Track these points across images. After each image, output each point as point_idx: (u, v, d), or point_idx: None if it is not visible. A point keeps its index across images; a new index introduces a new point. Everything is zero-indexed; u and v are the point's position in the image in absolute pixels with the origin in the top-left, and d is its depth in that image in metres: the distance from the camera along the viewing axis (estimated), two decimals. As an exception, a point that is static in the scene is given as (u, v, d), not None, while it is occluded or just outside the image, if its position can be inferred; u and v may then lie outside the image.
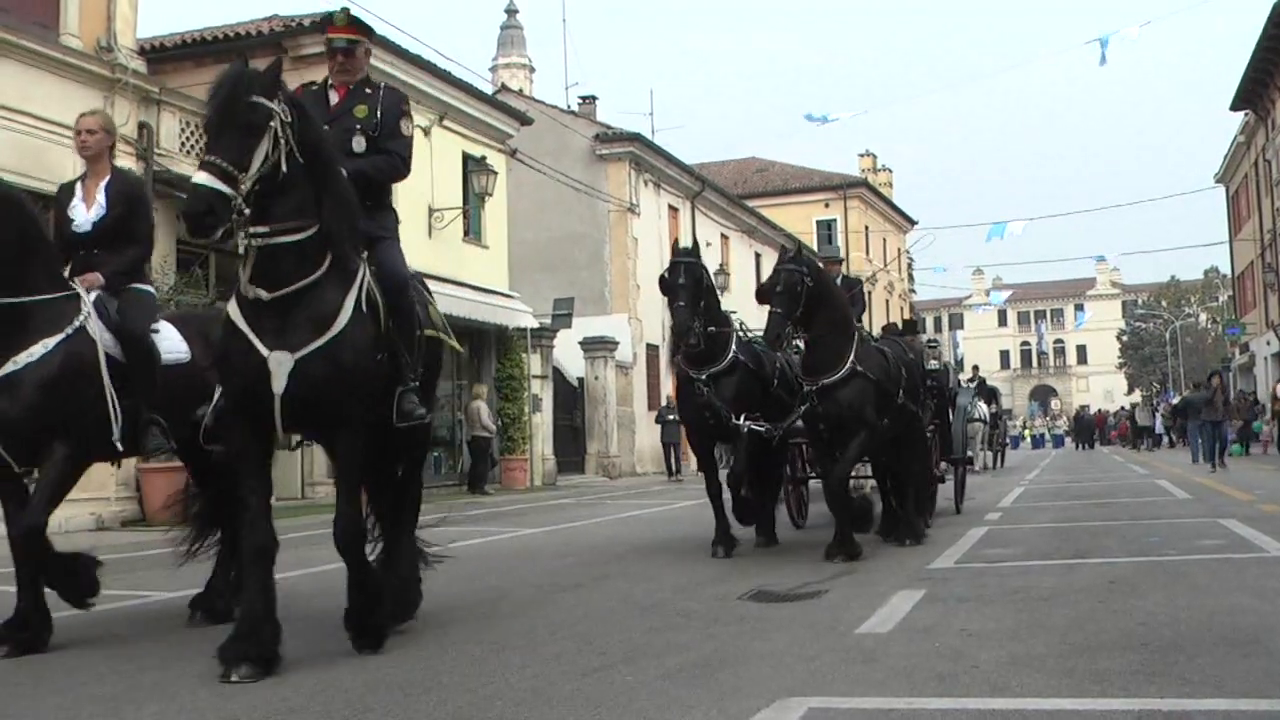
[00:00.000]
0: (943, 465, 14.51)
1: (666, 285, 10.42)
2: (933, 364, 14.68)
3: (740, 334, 11.21)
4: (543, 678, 5.31)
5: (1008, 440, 40.47)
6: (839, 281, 11.60)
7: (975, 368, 37.88)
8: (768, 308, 9.81)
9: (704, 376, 10.39)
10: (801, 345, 10.35)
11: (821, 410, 9.80)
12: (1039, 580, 8.13)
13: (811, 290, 9.72)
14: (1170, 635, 5.83)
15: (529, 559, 10.94)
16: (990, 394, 31.37)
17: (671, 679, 5.20)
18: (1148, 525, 12.21)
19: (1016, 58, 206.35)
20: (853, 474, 11.17)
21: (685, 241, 11.16)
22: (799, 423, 10.32)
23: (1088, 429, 62.39)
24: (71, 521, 15.89)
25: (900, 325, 16.31)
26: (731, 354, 10.60)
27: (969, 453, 21.76)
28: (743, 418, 10.36)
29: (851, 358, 9.82)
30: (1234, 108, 45.30)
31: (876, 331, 14.91)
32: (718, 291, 11.37)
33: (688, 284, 10.24)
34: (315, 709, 4.84)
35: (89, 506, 16.24)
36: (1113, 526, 12.29)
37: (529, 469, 28.84)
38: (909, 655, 5.56)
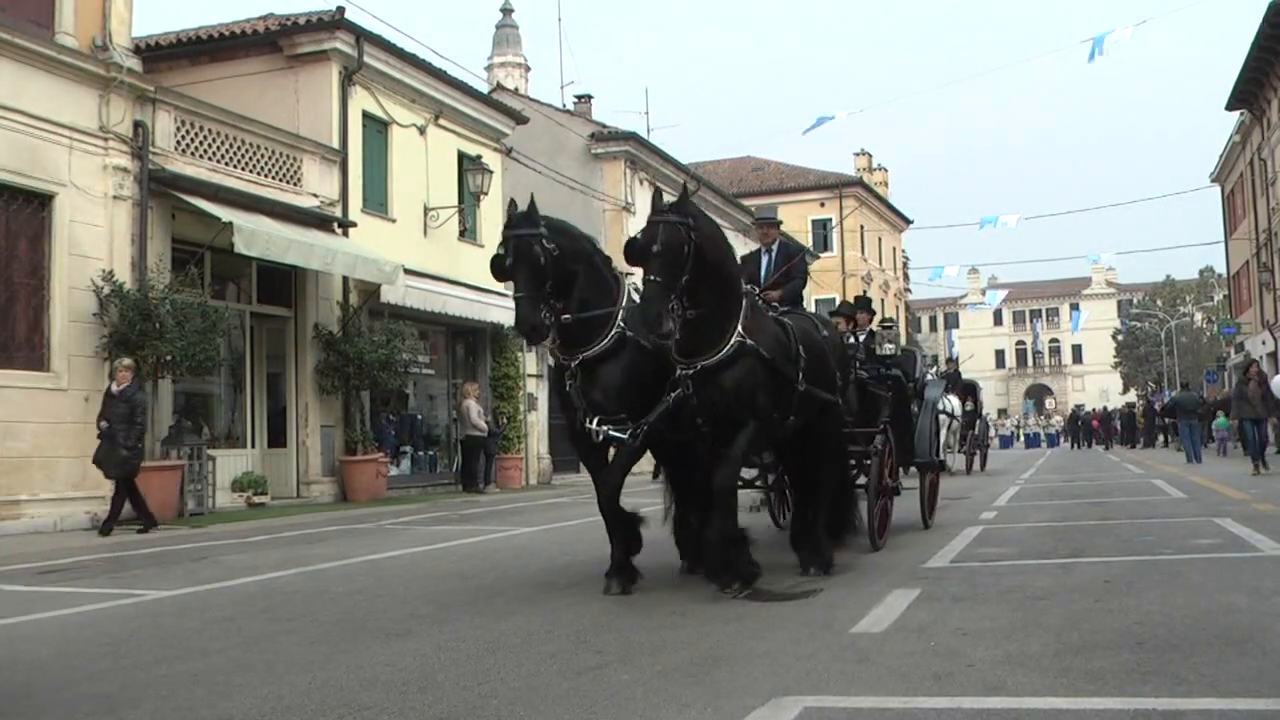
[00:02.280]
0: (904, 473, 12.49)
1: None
2: (888, 348, 12.42)
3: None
4: (539, 676, 5.32)
5: (989, 440, 37.25)
6: (775, 249, 10.37)
7: (952, 360, 36.38)
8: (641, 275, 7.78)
9: (574, 364, 8.30)
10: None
11: (698, 400, 7.83)
12: (1034, 579, 8.13)
13: (699, 249, 7.58)
14: (1165, 634, 5.83)
15: (525, 558, 10.94)
16: (967, 388, 30.09)
17: (667, 677, 5.20)
18: (1143, 524, 12.21)
19: (1012, 56, 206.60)
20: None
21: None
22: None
23: (1085, 428, 61.99)
24: (66, 521, 15.91)
25: (853, 301, 14.01)
26: (614, 333, 8.31)
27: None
28: (596, 420, 8.15)
29: (737, 331, 7.81)
30: (1229, 107, 45.26)
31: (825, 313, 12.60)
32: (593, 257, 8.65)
33: (519, 262, 7.96)
34: (310, 707, 4.83)
35: (84, 505, 16.23)
36: (1108, 526, 12.29)
37: (524, 468, 28.82)
38: (904, 654, 5.56)
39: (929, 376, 16.09)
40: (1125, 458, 37.95)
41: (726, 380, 7.80)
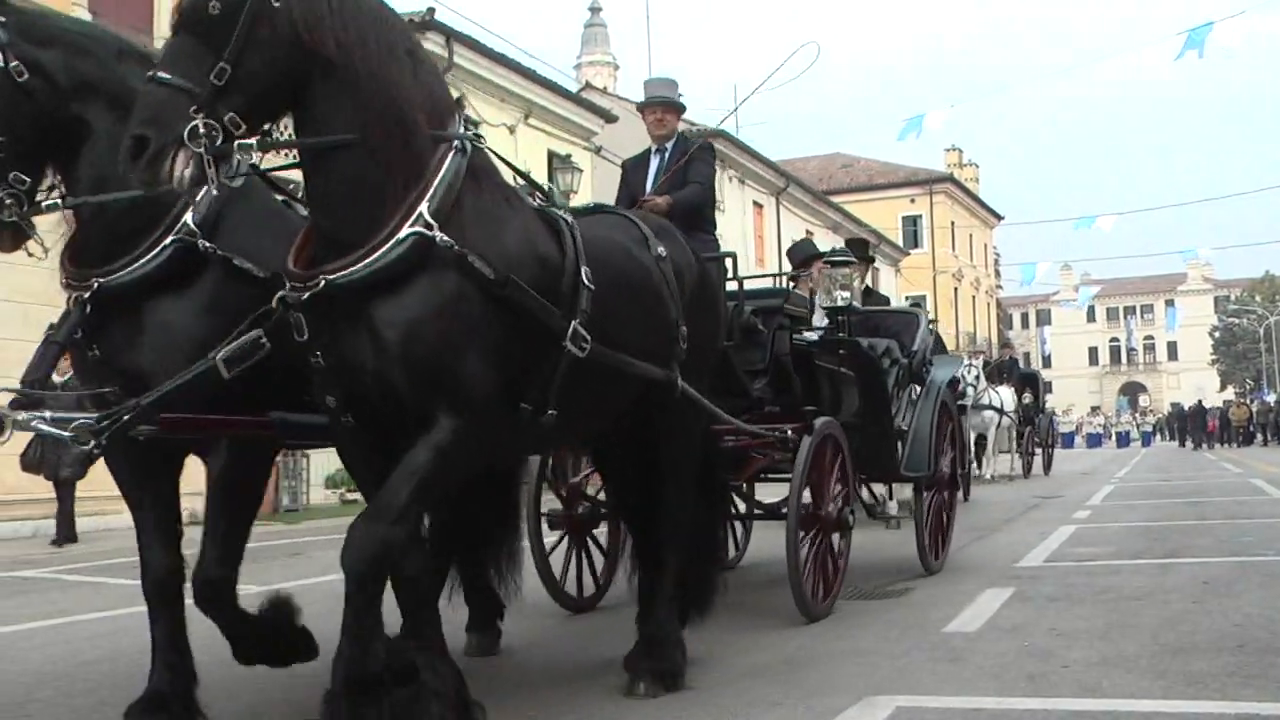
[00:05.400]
0: (886, 498, 9.89)
1: None
2: (841, 297, 7.77)
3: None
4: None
5: (1053, 441, 30.98)
6: (671, 147, 7.60)
7: (1007, 345, 33.52)
8: None
9: (85, 295, 4.33)
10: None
11: (325, 359, 4.03)
12: (1129, 580, 8.02)
13: (294, 28, 3.77)
14: (1267, 637, 5.72)
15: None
16: (1026, 379, 26.50)
17: (756, 676, 5.21)
18: (1241, 525, 11.99)
19: (1108, 48, 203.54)
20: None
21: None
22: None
23: (1197, 422, 56.08)
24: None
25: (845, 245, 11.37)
26: (171, 243, 4.33)
27: (972, 464, 18.05)
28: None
29: (420, 214, 3.96)
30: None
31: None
32: None
33: None
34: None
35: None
36: (1205, 526, 12.08)
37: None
38: (997, 654, 5.52)
39: (940, 355, 10.41)
40: (1222, 456, 37.26)
41: (385, 316, 3.93)
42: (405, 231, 3.92)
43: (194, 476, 4.62)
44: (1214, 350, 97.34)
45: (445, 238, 3.95)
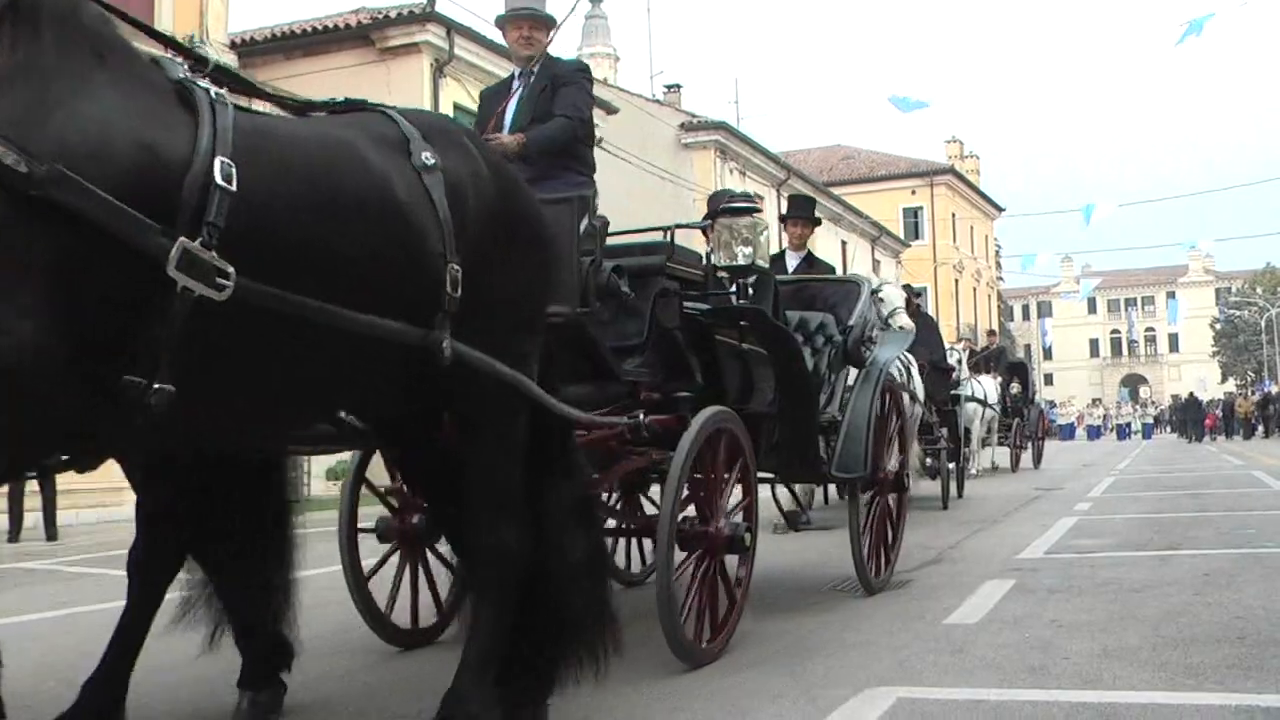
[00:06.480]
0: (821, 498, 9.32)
1: None
2: (743, 254, 5.93)
3: None
4: (627, 666, 5.30)
5: (1043, 433, 29.87)
6: (536, 72, 6.23)
7: (993, 333, 31.29)
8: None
9: None
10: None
11: None
12: (1131, 572, 8.01)
13: None
14: (1268, 629, 5.71)
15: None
16: (1013, 369, 25.75)
17: (758, 667, 5.20)
18: (1243, 517, 11.98)
19: (1107, 38, 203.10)
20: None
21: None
22: None
23: (1191, 414, 55.02)
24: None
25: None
26: None
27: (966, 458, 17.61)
28: None
29: None
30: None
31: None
32: None
33: None
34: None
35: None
36: (1206, 518, 12.07)
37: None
38: (999, 646, 5.51)
39: (878, 325, 8.46)
40: (1224, 449, 37.26)
41: None
42: None
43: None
44: (1215, 342, 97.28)
45: None
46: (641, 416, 5.21)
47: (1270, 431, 48.83)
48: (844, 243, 46.57)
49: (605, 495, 6.61)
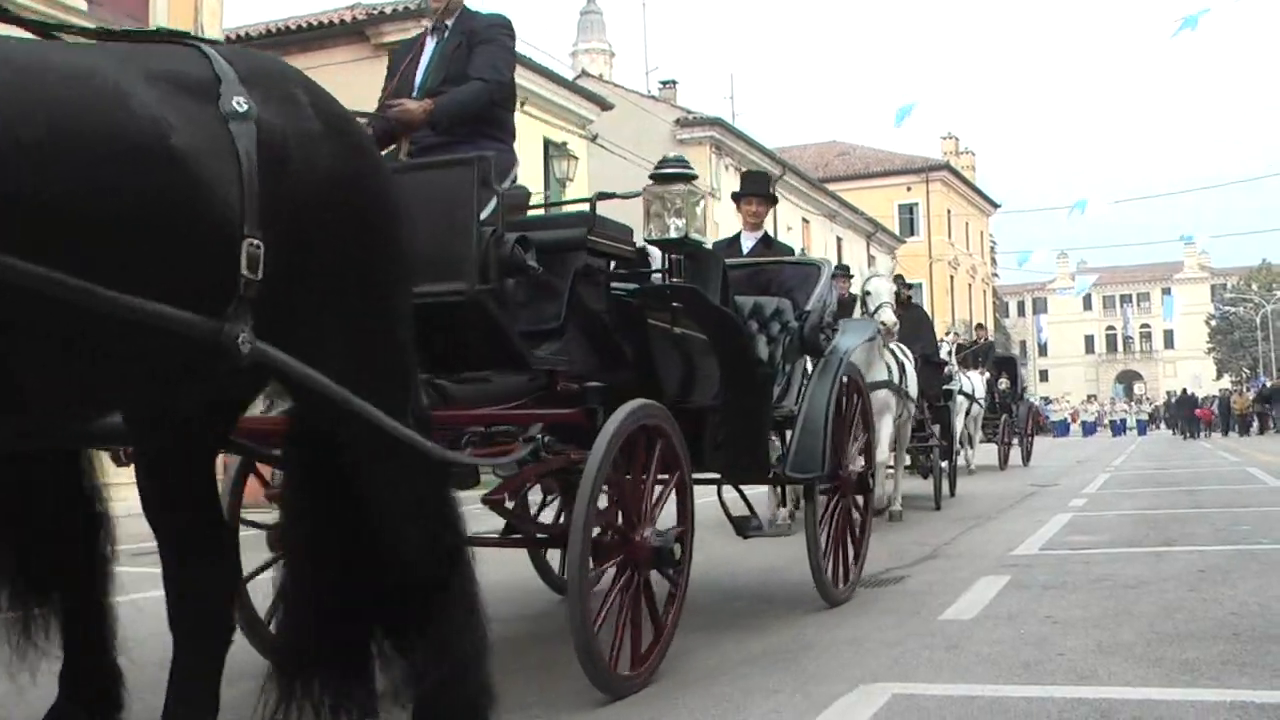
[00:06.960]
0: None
1: None
2: (675, 226, 5.27)
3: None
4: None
5: (1033, 429, 29.37)
6: (451, 27, 5.44)
7: (981, 327, 30.56)
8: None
9: None
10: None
11: None
12: (1126, 568, 8.00)
13: None
14: (1263, 625, 5.72)
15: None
16: (1001, 364, 25.01)
17: (753, 663, 5.20)
18: (1238, 513, 11.99)
19: (1102, 34, 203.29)
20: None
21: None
22: None
23: (1183, 411, 55.13)
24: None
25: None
26: None
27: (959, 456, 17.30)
28: None
29: None
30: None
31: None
32: None
33: None
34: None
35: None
36: (1201, 514, 12.07)
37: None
38: (993, 642, 5.51)
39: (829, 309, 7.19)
40: (1219, 445, 37.30)
41: None
42: None
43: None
44: (1210, 339, 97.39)
45: None
46: (540, 438, 4.57)
47: (1265, 428, 48.86)
48: (839, 239, 46.63)
49: (545, 498, 6.41)
